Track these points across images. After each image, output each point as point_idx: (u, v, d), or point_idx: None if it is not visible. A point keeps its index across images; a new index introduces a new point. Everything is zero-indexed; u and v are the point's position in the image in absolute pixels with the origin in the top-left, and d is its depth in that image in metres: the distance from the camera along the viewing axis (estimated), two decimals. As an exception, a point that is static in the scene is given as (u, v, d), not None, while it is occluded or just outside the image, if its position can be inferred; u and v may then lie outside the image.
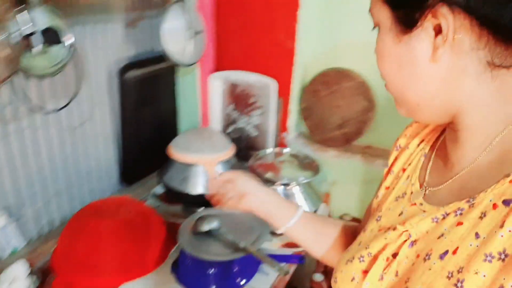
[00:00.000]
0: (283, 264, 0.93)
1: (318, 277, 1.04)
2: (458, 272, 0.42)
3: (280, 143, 1.31)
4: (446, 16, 0.41)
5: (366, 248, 0.55)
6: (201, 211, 1.00)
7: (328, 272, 1.17)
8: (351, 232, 0.73)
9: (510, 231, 0.40)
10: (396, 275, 0.51)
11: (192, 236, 0.88)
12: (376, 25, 0.51)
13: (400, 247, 0.51)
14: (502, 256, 0.40)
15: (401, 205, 0.57)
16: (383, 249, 0.52)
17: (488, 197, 0.44)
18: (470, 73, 0.44)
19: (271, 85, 1.23)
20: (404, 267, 0.50)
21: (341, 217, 1.30)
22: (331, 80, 1.22)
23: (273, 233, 1.06)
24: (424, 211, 0.52)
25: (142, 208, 1.01)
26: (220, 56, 1.33)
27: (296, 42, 1.15)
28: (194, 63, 1.19)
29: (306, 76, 1.29)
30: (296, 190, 1.02)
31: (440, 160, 0.56)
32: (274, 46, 1.20)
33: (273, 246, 1.03)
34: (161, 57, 1.23)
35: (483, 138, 0.47)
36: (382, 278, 0.51)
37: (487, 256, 0.40)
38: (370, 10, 0.51)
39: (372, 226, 0.59)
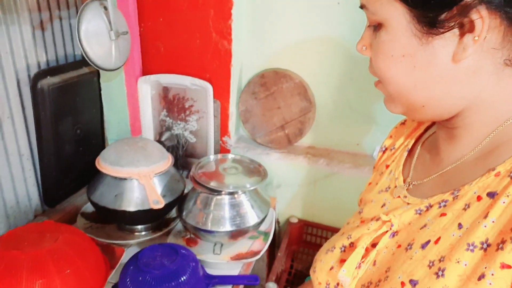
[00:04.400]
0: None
1: (272, 285, 1.00)
2: (440, 261, 0.43)
3: (221, 149, 1.25)
4: (483, 16, 0.39)
5: (348, 238, 0.57)
6: None
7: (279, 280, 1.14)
8: None
9: (493, 221, 0.41)
10: (374, 264, 0.52)
11: None
12: (376, 22, 0.47)
13: (380, 237, 0.52)
14: (485, 246, 0.40)
15: (384, 197, 0.58)
16: (364, 238, 0.53)
17: (472, 189, 0.45)
18: (484, 73, 0.43)
19: (208, 88, 1.16)
20: (383, 256, 0.51)
21: (287, 220, 1.28)
22: (269, 81, 1.18)
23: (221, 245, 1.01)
24: (408, 203, 0.52)
25: (70, 232, 0.88)
26: (148, 59, 1.22)
27: (232, 42, 1.09)
28: (119, 67, 1.08)
29: (243, 77, 1.25)
30: (243, 198, 0.97)
31: (426, 155, 0.57)
32: (208, 47, 1.13)
33: (222, 259, 0.97)
34: (81, 62, 1.12)
35: (478, 136, 0.47)
36: (359, 267, 0.52)
37: (469, 246, 0.41)
38: (366, 6, 0.47)
39: (354, 218, 0.61)
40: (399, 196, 0.55)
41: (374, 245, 0.52)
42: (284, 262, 1.19)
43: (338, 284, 0.55)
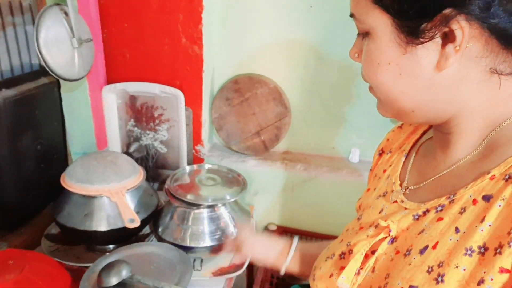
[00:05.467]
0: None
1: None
2: (439, 266, 0.43)
3: (194, 158, 1.20)
4: (463, 27, 0.40)
5: (347, 245, 0.56)
6: (103, 257, 0.83)
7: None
8: None
9: (490, 225, 0.41)
10: (373, 271, 0.51)
11: None
12: (364, 31, 0.48)
13: (379, 243, 0.51)
14: (482, 250, 0.40)
15: (382, 203, 0.57)
16: (363, 245, 0.53)
17: (468, 193, 0.45)
18: (471, 80, 0.44)
19: (179, 95, 1.11)
20: (382, 263, 0.51)
21: (266, 227, 1.25)
22: (243, 87, 1.15)
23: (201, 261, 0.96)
24: (405, 208, 0.52)
25: (36, 259, 0.82)
26: (113, 67, 1.16)
27: (204, 47, 1.05)
28: (82, 77, 1.01)
29: (215, 83, 1.21)
30: (223, 210, 0.93)
31: (422, 159, 0.57)
32: (178, 52, 1.08)
33: (204, 275, 0.93)
34: (40, 72, 1.04)
35: (473, 141, 0.48)
36: (358, 273, 0.52)
37: (467, 250, 0.41)
38: (355, 15, 0.48)
39: (353, 225, 0.60)
40: (396, 201, 0.55)
41: (373, 251, 0.52)
42: (264, 271, 1.16)
43: None
